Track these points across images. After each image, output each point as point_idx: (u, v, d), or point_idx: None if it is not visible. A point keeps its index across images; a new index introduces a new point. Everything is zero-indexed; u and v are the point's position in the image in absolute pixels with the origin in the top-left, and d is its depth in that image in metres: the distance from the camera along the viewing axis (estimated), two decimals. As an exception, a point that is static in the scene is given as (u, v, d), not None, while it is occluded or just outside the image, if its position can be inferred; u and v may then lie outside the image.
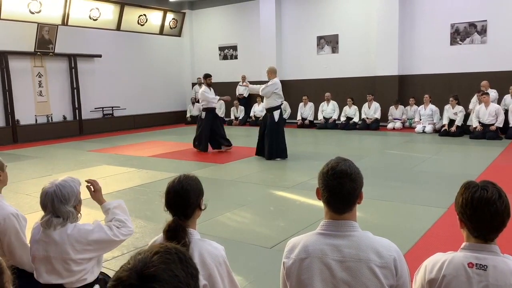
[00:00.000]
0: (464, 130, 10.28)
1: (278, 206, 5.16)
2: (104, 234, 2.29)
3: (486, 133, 9.64)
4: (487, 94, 9.97)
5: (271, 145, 7.88)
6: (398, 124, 11.89)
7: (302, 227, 4.20)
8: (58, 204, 2.20)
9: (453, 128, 10.23)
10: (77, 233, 2.24)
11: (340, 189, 1.65)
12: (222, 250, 1.96)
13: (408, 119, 12.05)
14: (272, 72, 8.06)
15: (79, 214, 2.35)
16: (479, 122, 9.90)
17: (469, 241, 1.68)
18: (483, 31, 11.23)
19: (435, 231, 4.08)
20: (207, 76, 9.24)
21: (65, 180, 2.28)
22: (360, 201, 1.72)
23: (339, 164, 1.69)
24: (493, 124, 9.73)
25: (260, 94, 8.15)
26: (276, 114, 7.91)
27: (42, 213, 2.31)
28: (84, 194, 2.44)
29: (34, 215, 4.65)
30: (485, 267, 1.59)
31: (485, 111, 9.88)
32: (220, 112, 15.24)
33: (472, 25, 11.35)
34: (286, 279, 1.74)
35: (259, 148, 8.20)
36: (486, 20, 11.14)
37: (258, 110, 13.96)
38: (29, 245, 2.59)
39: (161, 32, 15.76)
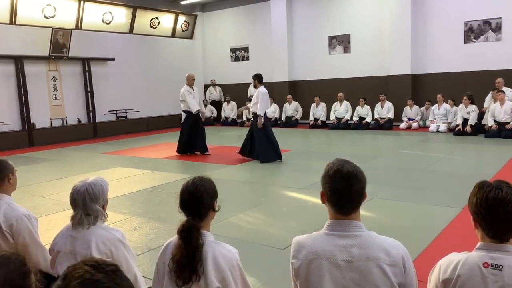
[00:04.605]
0: (479, 129, 10.14)
1: (291, 207, 5.16)
2: (126, 260, 2.28)
3: (501, 131, 9.50)
4: (503, 92, 9.81)
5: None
6: (415, 125, 11.75)
7: (315, 228, 4.17)
8: (89, 202, 2.26)
9: (468, 128, 10.10)
10: (105, 235, 2.28)
11: (349, 190, 1.66)
12: (236, 253, 1.97)
13: (423, 120, 11.92)
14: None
15: (106, 213, 2.39)
16: (495, 121, 9.77)
17: (484, 241, 1.66)
18: (497, 28, 11.07)
19: (449, 231, 4.04)
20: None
21: (96, 179, 2.36)
22: (363, 200, 1.73)
23: (344, 166, 1.70)
24: (508, 123, 9.58)
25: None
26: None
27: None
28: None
29: (50, 217, 4.70)
30: (501, 267, 1.58)
31: (501, 109, 9.73)
32: (232, 113, 15.32)
33: (486, 22, 11.20)
34: (295, 279, 1.75)
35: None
36: (500, 17, 10.98)
37: (270, 111, 13.95)
38: (44, 245, 2.64)
39: (173, 34, 15.86)
